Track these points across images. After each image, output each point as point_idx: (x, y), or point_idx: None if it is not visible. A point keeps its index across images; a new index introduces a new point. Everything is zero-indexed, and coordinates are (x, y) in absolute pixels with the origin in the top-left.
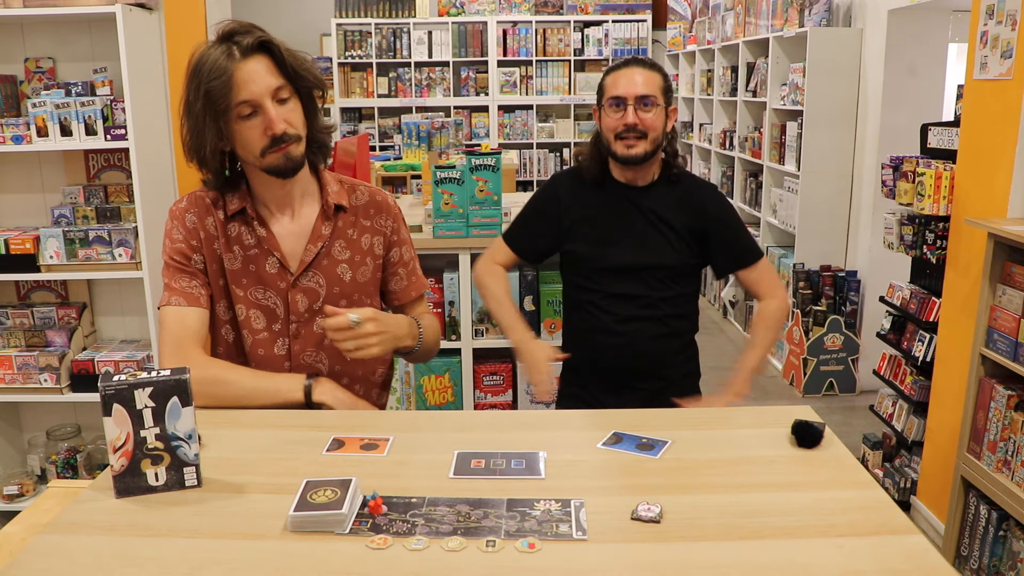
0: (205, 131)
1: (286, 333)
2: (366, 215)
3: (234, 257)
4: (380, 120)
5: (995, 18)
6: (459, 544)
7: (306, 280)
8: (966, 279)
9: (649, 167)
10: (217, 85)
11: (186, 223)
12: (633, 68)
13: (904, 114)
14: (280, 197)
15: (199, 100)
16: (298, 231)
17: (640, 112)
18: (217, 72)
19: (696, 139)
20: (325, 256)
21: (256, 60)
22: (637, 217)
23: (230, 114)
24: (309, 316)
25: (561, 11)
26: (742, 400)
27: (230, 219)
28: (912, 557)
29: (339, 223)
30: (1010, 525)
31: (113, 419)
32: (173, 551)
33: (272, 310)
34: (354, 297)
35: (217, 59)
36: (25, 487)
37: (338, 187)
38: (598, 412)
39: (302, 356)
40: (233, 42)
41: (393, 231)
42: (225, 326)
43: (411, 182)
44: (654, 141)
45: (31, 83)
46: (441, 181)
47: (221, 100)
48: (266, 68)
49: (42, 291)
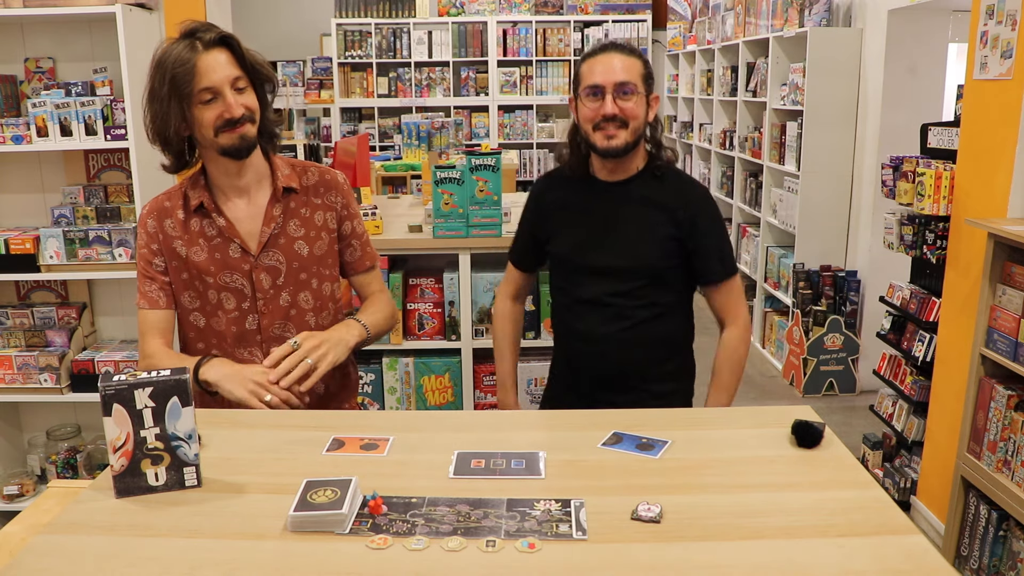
0: (169, 114)
1: (255, 310)
2: (316, 193)
3: (200, 249)
4: (380, 120)
5: (995, 18)
6: (459, 544)
7: (267, 259)
8: (966, 279)
9: (631, 160)
10: (181, 72)
11: (147, 229)
12: (611, 54)
13: (904, 114)
14: (236, 183)
15: (165, 85)
16: (254, 214)
17: (620, 100)
18: (182, 61)
19: (696, 139)
20: (281, 235)
21: (217, 52)
22: (620, 215)
23: (192, 99)
24: (274, 291)
25: (561, 11)
26: None
27: (192, 215)
28: (912, 557)
29: (291, 204)
30: (1010, 525)
31: (113, 419)
32: (173, 551)
33: (240, 290)
34: (313, 269)
35: (182, 51)
36: (25, 487)
37: (289, 170)
38: (598, 412)
39: (271, 329)
40: (196, 37)
41: (343, 206)
42: (193, 313)
43: (411, 182)
44: (635, 131)
45: (31, 83)
46: (441, 181)
47: (185, 86)
48: (226, 60)
49: (42, 291)
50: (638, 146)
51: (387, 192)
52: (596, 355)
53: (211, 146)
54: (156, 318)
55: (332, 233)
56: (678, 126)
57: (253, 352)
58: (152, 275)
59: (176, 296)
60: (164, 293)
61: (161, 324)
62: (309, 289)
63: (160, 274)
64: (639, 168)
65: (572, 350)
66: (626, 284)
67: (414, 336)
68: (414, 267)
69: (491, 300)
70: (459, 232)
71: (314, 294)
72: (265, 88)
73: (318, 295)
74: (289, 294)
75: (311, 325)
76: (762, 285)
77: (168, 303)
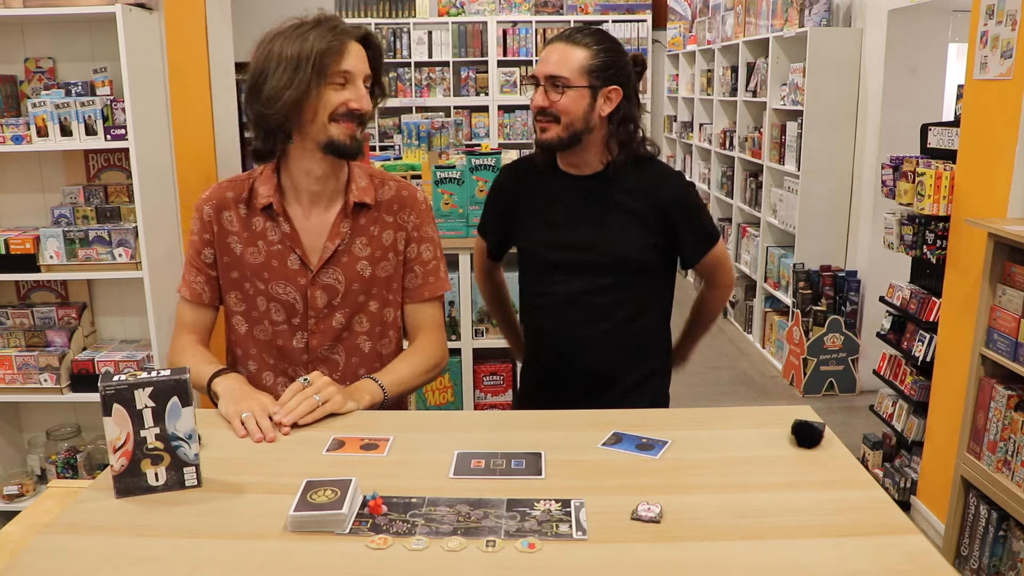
0: (302, 84)
1: (305, 327)
2: (389, 210)
3: (258, 251)
4: (380, 120)
5: (995, 18)
6: (459, 544)
7: (325, 276)
8: (966, 279)
9: (584, 154)
10: (330, 48)
11: (203, 216)
12: (555, 44)
13: (904, 114)
14: (314, 188)
15: (310, 58)
16: (321, 226)
17: (550, 93)
18: (338, 37)
19: (696, 139)
20: (344, 253)
21: (360, 46)
22: (584, 209)
23: (326, 78)
24: (328, 311)
25: (561, 11)
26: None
27: (256, 213)
28: (912, 557)
29: (361, 220)
30: (1010, 525)
31: (113, 419)
32: (173, 551)
33: (292, 304)
34: (372, 291)
35: (335, 26)
36: (25, 487)
37: (367, 182)
38: (598, 412)
39: (319, 350)
40: (340, 24)
41: (415, 227)
42: (236, 316)
43: (411, 182)
44: (568, 127)
45: (31, 83)
46: (441, 181)
47: (329, 60)
48: (365, 56)
49: (42, 291)
50: (581, 142)
51: None
52: (566, 356)
53: (317, 135)
54: (194, 315)
55: (400, 255)
56: (678, 126)
57: (297, 371)
58: (199, 266)
59: (222, 294)
60: (209, 288)
61: (199, 321)
62: (366, 312)
63: (208, 267)
64: (603, 163)
65: (541, 350)
66: (596, 281)
67: None
68: None
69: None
70: (459, 232)
71: (372, 318)
72: (379, 95)
73: (377, 320)
74: (344, 316)
75: (364, 351)
76: (762, 285)
77: (212, 299)
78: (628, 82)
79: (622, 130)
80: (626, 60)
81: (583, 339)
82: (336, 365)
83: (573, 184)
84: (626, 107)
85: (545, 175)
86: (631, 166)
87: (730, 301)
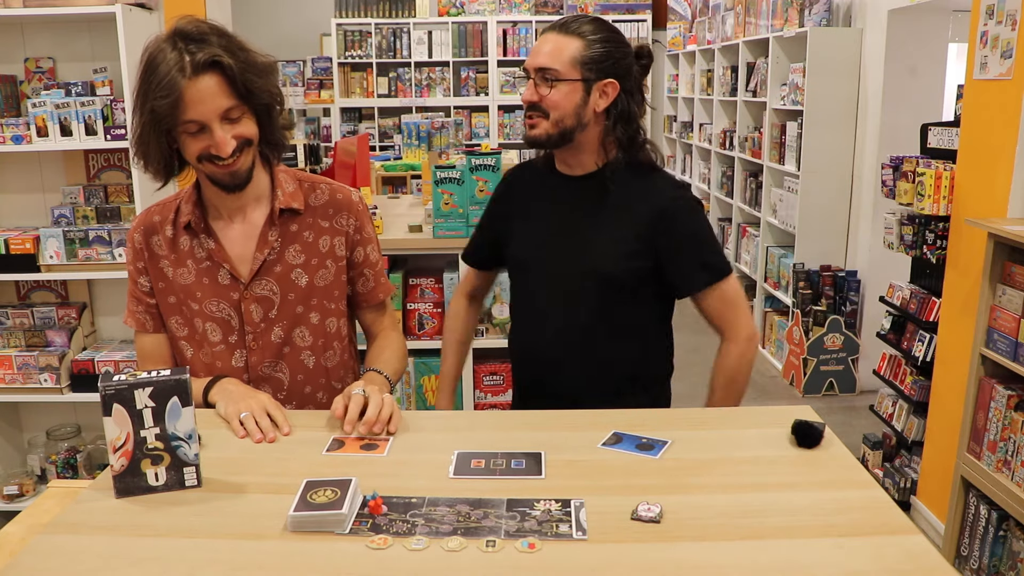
0: (149, 140)
1: (242, 344)
2: (324, 215)
3: (187, 271)
4: (380, 120)
5: (995, 18)
6: (459, 544)
7: (258, 288)
8: (966, 279)
9: (578, 153)
10: (165, 105)
11: (134, 244)
12: (547, 34)
13: (904, 114)
14: (231, 204)
15: (146, 113)
16: (248, 237)
17: (540, 87)
18: (166, 91)
19: (696, 139)
20: (277, 262)
21: (208, 78)
22: (571, 216)
23: (177, 129)
24: (265, 325)
25: (561, 11)
26: None
27: (181, 232)
28: (912, 557)
29: (292, 226)
30: (1010, 525)
31: (113, 419)
32: (173, 551)
33: (227, 322)
34: (311, 302)
35: (168, 72)
36: (25, 487)
37: (294, 187)
38: (598, 412)
39: (260, 368)
40: (187, 51)
41: (356, 229)
42: (180, 341)
43: (411, 182)
44: (558, 123)
45: (31, 83)
46: (441, 181)
47: (168, 118)
48: (217, 87)
49: (42, 291)
50: (573, 140)
51: (387, 192)
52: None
53: (200, 170)
54: (151, 343)
55: (340, 261)
56: (678, 126)
57: None
58: (138, 295)
59: (164, 320)
60: (151, 316)
61: (156, 348)
62: (307, 324)
63: (146, 295)
64: (599, 163)
65: (524, 372)
66: (586, 295)
67: (414, 336)
68: (414, 267)
69: (492, 300)
70: (459, 232)
71: (313, 330)
72: (268, 107)
73: (320, 332)
74: (283, 329)
75: (309, 367)
76: (762, 285)
77: (156, 327)
78: (628, 75)
79: (620, 128)
80: (626, 51)
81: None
82: (280, 384)
83: (565, 185)
84: (624, 103)
85: (545, 175)
86: (630, 173)
87: None
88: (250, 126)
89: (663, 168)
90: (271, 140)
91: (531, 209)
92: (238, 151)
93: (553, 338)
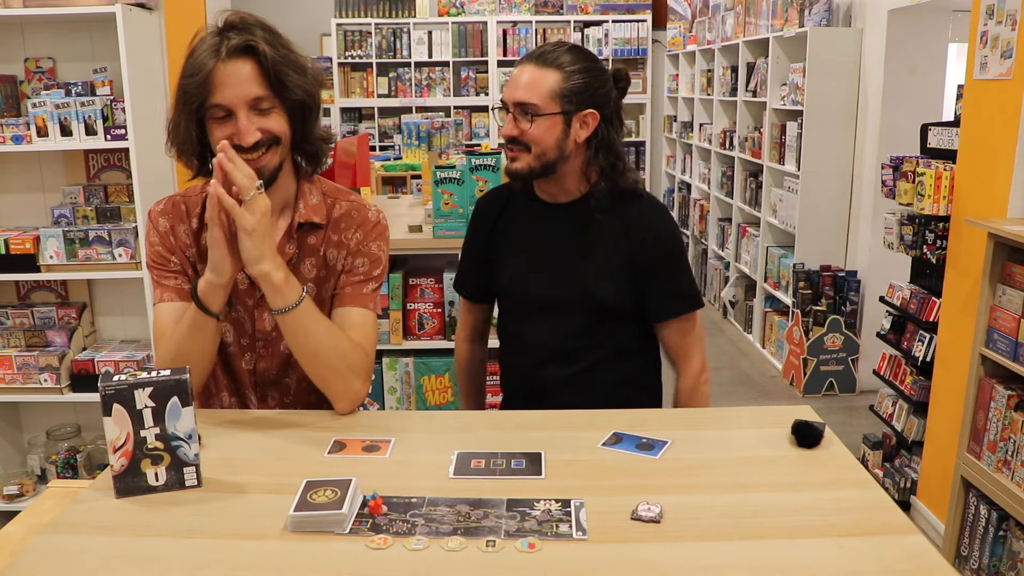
0: (180, 123)
1: (252, 349)
2: (336, 228)
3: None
4: (380, 120)
5: (995, 18)
6: (459, 544)
7: None
8: (966, 279)
9: (561, 182)
10: (192, 83)
11: (159, 227)
12: (524, 65)
13: (904, 114)
14: None
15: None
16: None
17: (520, 121)
18: (195, 69)
19: (696, 139)
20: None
21: (240, 63)
22: (558, 243)
23: (205, 113)
24: (276, 335)
25: (561, 11)
26: None
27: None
28: (912, 557)
29: (310, 239)
30: (1010, 525)
31: (113, 419)
32: (173, 551)
33: (241, 324)
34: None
35: (201, 54)
36: (25, 487)
37: (318, 200)
38: (598, 412)
39: (268, 373)
40: (226, 36)
41: (358, 242)
42: None
43: (411, 182)
44: (540, 156)
45: (31, 83)
46: (441, 181)
47: (194, 99)
48: (248, 74)
49: (42, 291)
50: (556, 171)
51: (387, 192)
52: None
53: None
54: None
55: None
56: (678, 126)
57: (248, 395)
58: (172, 271)
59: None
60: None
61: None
62: None
63: (179, 272)
64: (582, 190)
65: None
66: (574, 321)
67: (414, 336)
68: (414, 267)
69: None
70: (459, 232)
71: None
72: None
73: None
74: None
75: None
76: (762, 285)
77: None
78: (607, 103)
79: (601, 156)
80: (604, 79)
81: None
82: (287, 389)
83: (549, 213)
84: (605, 131)
85: (524, 202)
86: (613, 199)
87: (730, 301)
88: (280, 122)
89: (645, 192)
90: (305, 148)
91: (514, 237)
92: (263, 146)
93: (540, 362)
